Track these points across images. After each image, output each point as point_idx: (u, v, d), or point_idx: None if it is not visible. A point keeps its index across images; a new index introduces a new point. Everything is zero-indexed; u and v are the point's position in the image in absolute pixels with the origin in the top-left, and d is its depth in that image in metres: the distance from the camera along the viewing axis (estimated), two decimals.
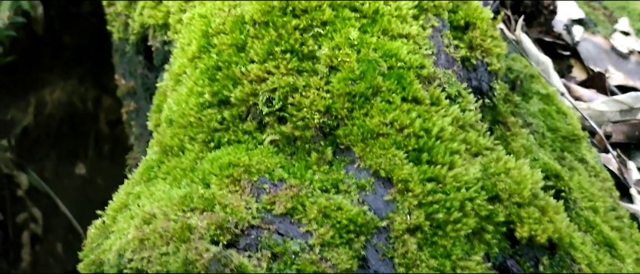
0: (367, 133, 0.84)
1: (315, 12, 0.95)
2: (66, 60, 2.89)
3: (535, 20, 1.34)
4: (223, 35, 0.97)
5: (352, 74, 0.88)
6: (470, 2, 1.09)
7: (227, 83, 0.92)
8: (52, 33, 2.82)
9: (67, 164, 2.78)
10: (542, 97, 1.13)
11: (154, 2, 1.26)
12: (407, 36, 0.95)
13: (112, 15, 1.46)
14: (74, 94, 2.77)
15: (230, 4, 1.02)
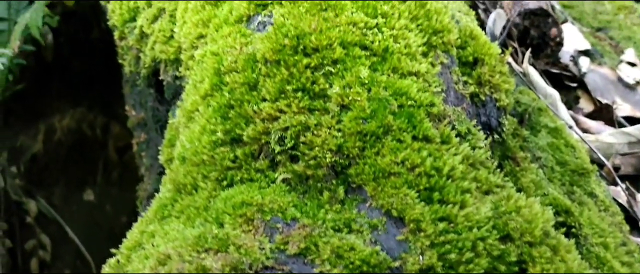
0: (378, 172, 0.85)
1: (326, 50, 0.96)
2: (75, 87, 2.92)
3: (542, 52, 1.35)
4: (235, 73, 0.99)
5: (363, 113, 0.89)
6: (479, 37, 1.10)
7: (239, 121, 0.94)
8: (61, 60, 2.85)
9: (75, 191, 2.80)
10: (551, 131, 1.13)
11: (165, 37, 1.28)
12: (417, 74, 0.96)
13: (124, 49, 1.48)
14: (83, 120, 2.80)
15: (242, 41, 1.04)
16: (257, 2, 1.09)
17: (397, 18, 1.03)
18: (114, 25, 1.51)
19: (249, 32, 1.05)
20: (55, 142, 2.76)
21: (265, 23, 1.06)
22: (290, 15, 1.03)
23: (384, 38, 1.00)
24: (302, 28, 0.99)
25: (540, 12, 1.34)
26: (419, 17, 1.05)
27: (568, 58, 1.39)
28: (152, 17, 1.35)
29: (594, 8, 1.60)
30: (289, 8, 1.04)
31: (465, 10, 1.23)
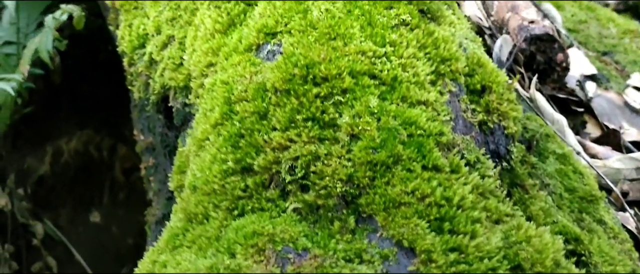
0: (389, 202, 0.86)
1: (336, 80, 0.97)
2: (82, 109, 2.94)
3: (549, 77, 1.36)
4: (245, 102, 1.00)
5: (372, 143, 0.90)
6: (486, 65, 1.11)
7: (250, 150, 0.94)
8: (68, 82, 2.87)
9: (82, 212, 2.80)
10: (559, 157, 1.14)
11: (175, 64, 1.29)
12: (426, 103, 0.97)
13: (133, 75, 1.49)
14: (90, 142, 2.81)
15: (252, 70, 1.05)
16: (266, 31, 1.10)
17: (406, 47, 1.05)
18: (124, 51, 1.52)
19: (258, 61, 1.07)
20: (62, 164, 2.77)
21: (274, 52, 1.07)
22: (299, 44, 1.04)
23: (392, 67, 1.01)
24: (312, 57, 1.00)
25: (547, 37, 1.35)
26: (427, 45, 1.07)
27: (574, 83, 1.40)
28: (162, 44, 1.37)
29: (600, 32, 1.61)
30: (299, 37, 1.05)
31: (472, 36, 1.24)
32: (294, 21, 1.09)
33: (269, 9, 1.14)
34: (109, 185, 2.84)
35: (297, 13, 1.11)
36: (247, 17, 1.19)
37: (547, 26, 1.37)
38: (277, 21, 1.11)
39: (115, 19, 1.77)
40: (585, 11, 1.71)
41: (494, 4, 1.48)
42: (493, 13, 1.48)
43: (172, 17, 1.38)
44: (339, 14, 1.09)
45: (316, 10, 1.10)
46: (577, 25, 1.64)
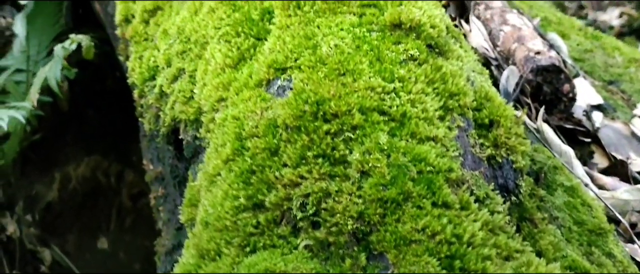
0: (399, 239, 0.86)
1: (345, 116, 0.99)
2: (90, 135, 2.96)
3: (556, 108, 1.37)
4: (256, 138, 1.01)
5: (383, 180, 0.91)
6: (494, 99, 1.12)
7: (261, 187, 0.95)
8: (76, 109, 2.90)
9: (89, 238, 2.81)
10: (567, 190, 1.14)
11: (185, 97, 1.31)
12: (435, 139, 0.98)
13: (143, 107, 1.51)
14: (98, 168, 2.83)
15: (262, 106, 1.06)
16: (276, 67, 1.12)
17: (414, 82, 1.06)
18: (134, 83, 1.54)
19: (268, 96, 1.08)
20: (70, 190, 2.79)
21: (284, 87, 1.08)
22: (309, 80, 1.05)
23: (401, 103, 1.02)
24: (322, 94, 1.02)
25: (553, 68, 1.36)
26: (435, 80, 1.08)
27: (581, 113, 1.40)
28: (172, 77, 1.38)
29: (605, 61, 1.62)
30: (308, 73, 1.07)
31: (479, 69, 1.25)
32: (303, 57, 1.11)
33: (279, 44, 1.16)
34: (116, 211, 2.85)
35: (307, 49, 1.12)
36: (257, 51, 1.20)
37: (553, 57, 1.38)
38: (287, 57, 1.12)
39: (125, 49, 1.79)
40: (591, 40, 1.72)
41: (500, 35, 1.50)
42: (499, 44, 1.49)
43: (182, 50, 1.40)
44: (348, 49, 1.11)
45: (325, 46, 1.11)
46: (583, 54, 1.65)
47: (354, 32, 1.15)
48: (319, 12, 1.20)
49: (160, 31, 1.56)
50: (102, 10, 2.17)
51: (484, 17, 1.58)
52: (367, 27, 1.16)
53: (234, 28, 1.26)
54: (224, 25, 1.29)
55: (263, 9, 1.27)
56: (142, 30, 1.65)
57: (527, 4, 1.87)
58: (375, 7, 1.21)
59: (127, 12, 1.79)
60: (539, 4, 1.90)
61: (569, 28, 1.76)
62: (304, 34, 1.16)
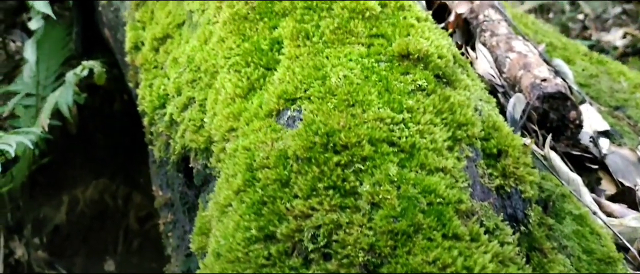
0: (410, 272, 0.87)
1: (355, 148, 1.00)
2: (98, 158, 2.98)
3: (562, 134, 1.38)
4: (267, 169, 1.02)
5: (393, 211, 0.92)
6: (502, 129, 1.14)
7: (272, 218, 0.96)
8: (85, 132, 2.92)
9: (96, 261, 2.82)
10: (575, 218, 1.15)
11: (196, 126, 1.32)
12: (444, 170, 0.99)
13: (154, 134, 1.52)
14: (106, 191, 2.84)
15: (273, 136, 1.08)
16: (286, 97, 1.13)
17: (423, 113, 1.07)
18: (144, 111, 1.56)
19: (279, 127, 1.09)
20: (77, 213, 2.80)
21: (294, 118, 1.10)
22: (319, 111, 1.07)
23: (410, 134, 1.03)
24: (332, 125, 1.03)
25: (559, 95, 1.38)
26: (443, 111, 1.09)
27: (588, 139, 1.41)
28: (182, 105, 1.40)
29: (611, 86, 1.63)
30: (318, 104, 1.08)
31: (486, 97, 1.26)
32: (313, 87, 1.12)
33: (289, 74, 1.18)
34: (124, 234, 2.86)
35: (316, 79, 1.14)
36: (267, 81, 1.22)
37: (559, 84, 1.39)
38: (297, 87, 1.14)
39: (135, 76, 1.81)
40: (596, 65, 1.74)
41: (506, 62, 1.51)
42: (505, 71, 1.51)
43: (192, 79, 1.41)
44: (357, 80, 1.12)
45: (335, 77, 1.13)
46: (588, 79, 1.66)
47: (362, 62, 1.17)
48: (327, 43, 1.22)
49: (170, 59, 1.58)
50: (111, 36, 2.20)
51: (490, 44, 1.59)
52: (375, 57, 1.18)
53: (243, 58, 1.28)
54: (234, 55, 1.30)
55: (272, 39, 1.28)
56: (151, 58, 1.67)
57: (532, 29, 1.89)
58: (383, 38, 1.22)
59: (137, 39, 1.81)
60: (543, 29, 1.92)
61: (574, 53, 1.78)
62: (313, 64, 1.18)
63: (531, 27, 1.90)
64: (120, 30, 2.03)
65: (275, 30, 1.30)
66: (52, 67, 2.61)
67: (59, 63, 2.61)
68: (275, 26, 1.31)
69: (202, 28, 1.48)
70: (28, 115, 2.57)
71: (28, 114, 2.57)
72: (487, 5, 1.69)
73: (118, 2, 2.03)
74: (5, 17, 2.71)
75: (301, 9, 1.30)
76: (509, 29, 1.64)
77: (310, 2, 1.30)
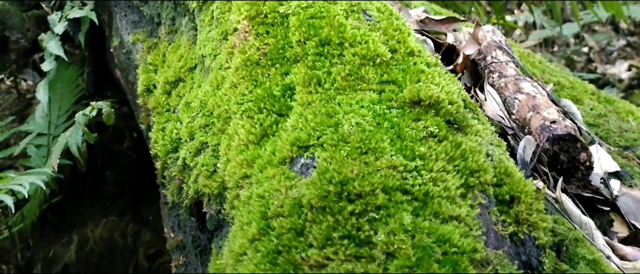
0: None
1: (369, 196, 1.01)
2: (107, 195, 2.99)
3: (573, 176, 1.38)
4: (282, 218, 1.03)
5: (408, 261, 0.92)
6: (514, 175, 1.14)
7: (288, 268, 0.97)
8: (94, 169, 2.94)
9: None
10: (589, 263, 1.15)
11: (209, 172, 1.33)
12: (458, 218, 1.00)
13: (166, 178, 1.53)
14: (115, 229, 2.85)
15: (287, 184, 1.09)
16: (299, 145, 1.15)
17: (435, 160, 1.08)
18: (157, 154, 1.57)
19: (293, 174, 1.11)
20: (87, 251, 2.80)
21: (308, 165, 1.11)
22: (332, 160, 1.08)
23: (423, 181, 1.04)
24: (345, 173, 1.04)
25: (569, 137, 1.38)
26: (455, 158, 1.10)
27: (599, 181, 1.42)
28: (195, 150, 1.42)
29: (620, 126, 1.64)
30: (331, 152, 1.10)
31: (497, 141, 1.27)
32: (326, 135, 1.14)
33: (301, 121, 1.19)
34: (133, 271, 2.85)
35: (329, 126, 1.15)
36: (280, 128, 1.24)
37: (569, 126, 1.40)
38: (310, 134, 1.15)
39: (146, 118, 1.83)
40: (604, 104, 1.75)
41: (515, 103, 1.53)
42: (514, 112, 1.52)
43: (205, 123, 1.43)
44: (369, 127, 1.14)
45: (347, 124, 1.14)
46: (597, 119, 1.67)
47: (374, 109, 1.18)
48: (339, 90, 1.24)
49: (182, 103, 1.60)
50: (122, 77, 2.23)
51: (498, 85, 1.61)
52: (386, 104, 1.19)
53: (256, 104, 1.29)
54: (246, 100, 1.32)
55: (284, 86, 1.30)
56: (164, 102, 1.69)
57: (540, 68, 1.90)
58: (394, 84, 1.24)
59: (149, 82, 1.84)
60: (550, 68, 1.94)
61: (582, 92, 1.79)
62: (326, 111, 1.19)
63: (538, 66, 1.91)
64: (132, 72, 2.06)
65: (287, 76, 1.32)
66: (64, 106, 2.64)
67: (70, 103, 2.64)
68: (287, 72, 1.33)
69: (214, 73, 1.50)
70: (39, 155, 2.59)
71: (39, 154, 2.59)
72: (495, 46, 1.72)
73: (130, 45, 2.07)
74: (17, 57, 2.75)
75: (312, 55, 1.32)
76: (517, 70, 1.66)
77: (321, 49, 1.32)
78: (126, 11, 2.17)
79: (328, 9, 1.41)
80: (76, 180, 2.88)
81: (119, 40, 2.16)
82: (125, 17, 2.16)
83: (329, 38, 1.33)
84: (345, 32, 1.34)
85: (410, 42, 1.35)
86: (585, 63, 4.19)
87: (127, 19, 2.14)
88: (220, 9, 1.60)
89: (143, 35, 2.04)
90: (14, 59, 2.83)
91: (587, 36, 4.35)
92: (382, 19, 1.44)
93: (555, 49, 4.40)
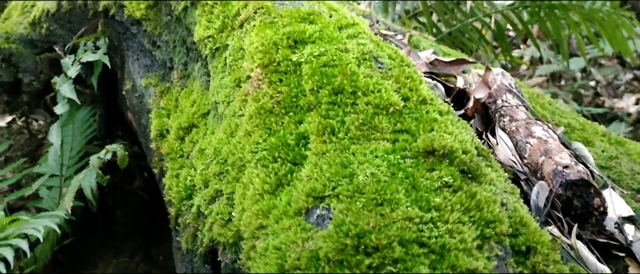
0: None
1: (386, 249, 1.01)
2: (118, 235, 3.00)
3: (587, 222, 1.38)
4: (299, 271, 1.03)
5: None
6: (529, 224, 1.15)
7: None
8: (104, 210, 2.95)
9: None
10: None
11: (224, 220, 1.34)
12: (475, 271, 1.00)
13: (181, 225, 1.54)
14: (126, 270, 2.84)
15: (303, 236, 1.09)
16: (314, 195, 1.15)
17: (450, 211, 1.09)
18: (171, 201, 1.58)
19: (309, 226, 1.11)
20: None
21: (324, 217, 1.12)
22: (348, 211, 1.08)
23: (440, 233, 1.04)
24: (362, 226, 1.04)
25: (582, 182, 1.39)
26: (470, 208, 1.11)
27: (613, 226, 1.41)
28: (210, 198, 1.43)
29: (632, 168, 1.65)
30: (347, 204, 1.10)
31: (510, 189, 1.28)
32: (341, 186, 1.14)
33: (316, 172, 1.20)
34: None
35: (344, 177, 1.16)
36: (294, 177, 1.24)
37: (582, 171, 1.41)
38: (325, 185, 1.16)
39: (159, 163, 1.85)
40: (615, 146, 1.75)
41: (527, 147, 1.53)
42: (526, 156, 1.53)
43: (219, 171, 1.44)
44: (384, 177, 1.14)
45: (362, 175, 1.15)
46: (609, 161, 1.68)
47: (388, 159, 1.19)
48: (353, 139, 1.25)
49: (196, 149, 1.62)
50: (134, 120, 2.25)
51: (510, 128, 1.62)
52: (400, 153, 1.20)
53: (270, 153, 1.31)
54: (261, 149, 1.33)
55: (298, 134, 1.32)
56: (177, 147, 1.71)
57: (549, 110, 1.92)
58: (407, 133, 1.25)
59: (162, 126, 1.86)
60: (560, 110, 1.95)
61: (593, 134, 1.80)
62: (340, 161, 1.20)
63: (548, 108, 1.93)
64: (145, 115, 2.09)
65: (301, 125, 1.33)
66: (75, 147, 2.67)
67: (82, 144, 2.67)
68: (301, 121, 1.34)
69: (227, 120, 1.52)
70: (51, 196, 2.61)
71: (51, 195, 2.61)
72: (505, 89, 1.73)
73: (143, 89, 2.10)
74: (30, 99, 2.79)
75: (326, 104, 1.33)
76: (528, 113, 1.67)
77: (334, 98, 1.34)
78: (138, 55, 2.20)
79: (340, 57, 1.43)
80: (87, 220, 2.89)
81: (131, 84, 2.19)
82: (138, 60, 2.19)
83: (342, 87, 1.35)
84: (357, 80, 1.36)
85: (422, 90, 1.37)
86: (592, 97, 4.20)
87: (140, 63, 2.18)
88: (233, 56, 1.62)
89: (155, 80, 2.07)
90: (27, 100, 2.87)
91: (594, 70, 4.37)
92: (394, 66, 1.46)
93: (562, 83, 4.41)
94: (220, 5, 1.77)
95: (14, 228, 2.06)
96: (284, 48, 1.48)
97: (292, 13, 1.60)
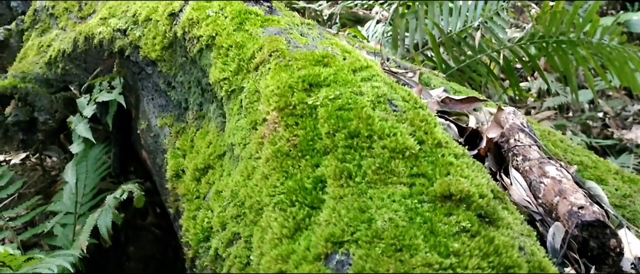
0: None
1: None
2: (130, 272, 3.00)
3: (604, 263, 1.39)
4: None
5: None
6: (547, 269, 1.15)
7: None
8: (117, 246, 2.96)
9: None
10: None
11: (242, 264, 1.35)
12: None
13: (198, 268, 1.55)
14: None
15: None
16: (333, 241, 1.17)
17: (469, 256, 1.10)
18: (188, 243, 1.60)
19: (328, 271, 1.12)
20: None
21: (343, 262, 1.13)
22: (368, 257, 1.09)
23: None
24: (382, 272, 1.05)
25: (598, 223, 1.39)
26: (489, 254, 1.11)
27: (629, 266, 1.42)
28: (227, 241, 1.44)
29: None
30: (366, 250, 1.11)
31: (527, 231, 1.29)
32: (359, 231, 1.16)
33: (335, 216, 1.21)
34: None
35: (362, 222, 1.17)
36: (313, 221, 1.26)
37: (597, 212, 1.41)
38: (343, 230, 1.17)
39: (175, 203, 1.86)
40: (629, 184, 1.76)
41: (541, 187, 1.54)
42: (541, 196, 1.54)
43: (236, 214, 1.46)
44: (402, 222, 1.16)
45: (380, 220, 1.17)
46: (622, 200, 1.68)
47: (406, 203, 1.20)
48: (370, 183, 1.26)
49: (213, 191, 1.63)
50: (149, 158, 2.27)
51: (523, 168, 1.63)
52: (418, 198, 1.22)
53: (288, 196, 1.32)
54: (278, 192, 1.35)
55: (315, 178, 1.33)
56: (194, 189, 1.73)
57: (562, 147, 1.93)
58: (424, 177, 1.27)
59: (178, 167, 1.88)
60: (572, 148, 1.96)
61: (605, 172, 1.81)
62: (358, 206, 1.22)
63: (560, 145, 1.94)
64: (159, 155, 2.11)
65: (318, 169, 1.35)
66: (89, 185, 2.69)
67: (96, 181, 2.69)
68: (318, 164, 1.36)
69: (244, 162, 1.54)
70: (65, 233, 2.62)
71: (65, 233, 2.62)
72: (517, 128, 1.75)
73: (158, 129, 2.12)
74: (45, 137, 2.82)
75: (342, 148, 1.35)
76: (541, 152, 1.68)
77: (350, 141, 1.36)
78: (153, 95, 2.23)
79: (355, 100, 1.46)
80: (99, 256, 2.89)
81: (146, 123, 2.22)
82: (153, 100, 2.22)
83: (357, 130, 1.37)
84: (373, 124, 1.38)
85: (437, 133, 1.39)
86: (601, 128, 4.21)
87: (154, 103, 2.21)
88: (248, 99, 1.65)
89: (170, 120, 2.10)
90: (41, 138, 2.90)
91: (602, 102, 4.39)
92: (408, 108, 1.48)
93: (570, 114, 4.43)
94: (235, 48, 1.80)
95: (29, 267, 2.07)
96: (299, 91, 1.51)
97: (306, 56, 1.63)
